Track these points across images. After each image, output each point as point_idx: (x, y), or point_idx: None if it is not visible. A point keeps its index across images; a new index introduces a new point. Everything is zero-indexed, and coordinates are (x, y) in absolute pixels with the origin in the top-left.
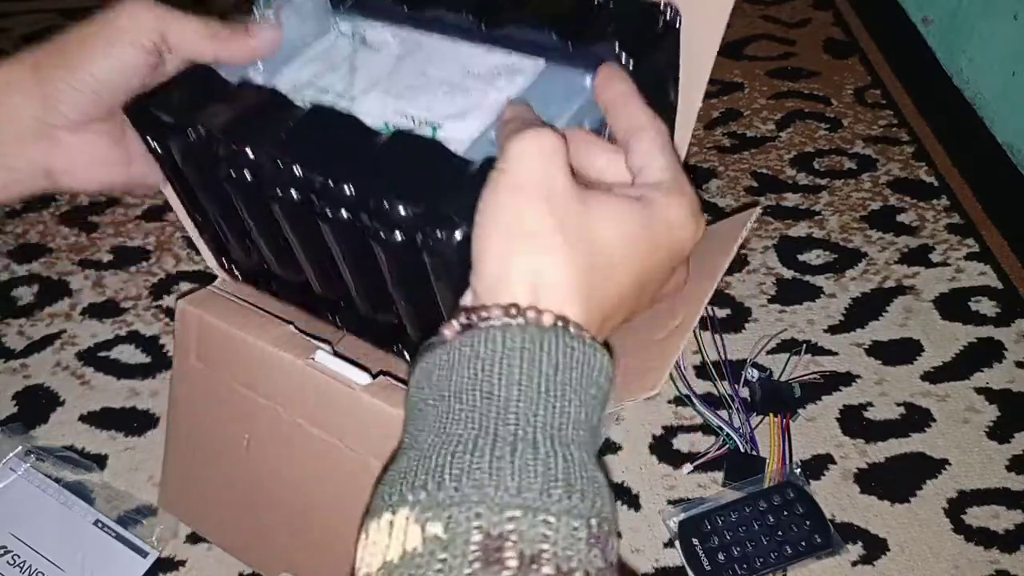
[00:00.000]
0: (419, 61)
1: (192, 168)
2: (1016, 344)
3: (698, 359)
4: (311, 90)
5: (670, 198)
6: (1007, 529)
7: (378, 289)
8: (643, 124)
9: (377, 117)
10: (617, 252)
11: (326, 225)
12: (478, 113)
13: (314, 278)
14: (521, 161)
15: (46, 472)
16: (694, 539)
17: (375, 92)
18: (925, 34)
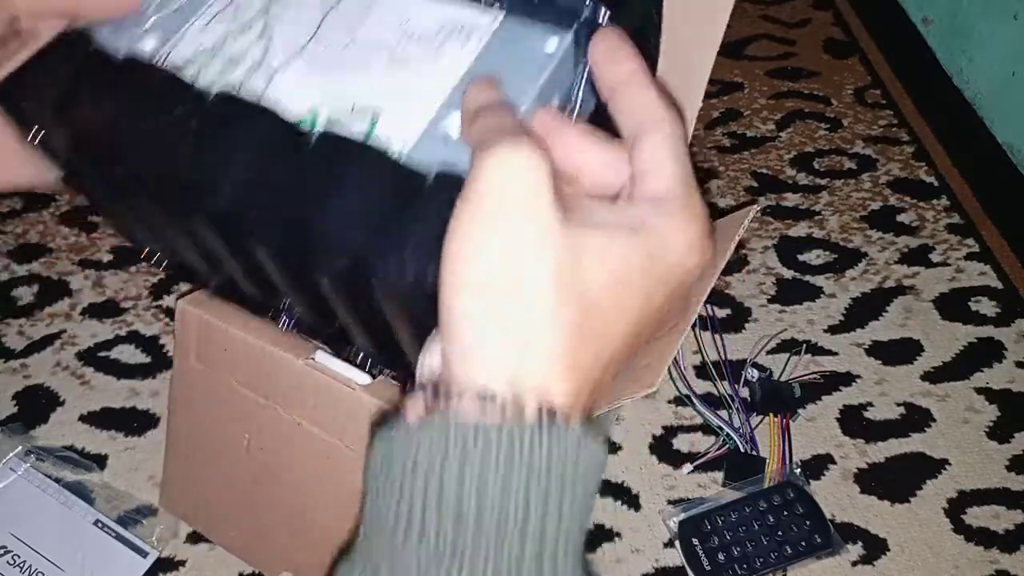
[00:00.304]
0: (348, 15)
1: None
2: (1016, 344)
3: (698, 359)
4: (219, 60)
5: (676, 221)
6: (1007, 529)
7: (325, 308)
8: (657, 118)
9: (302, 99)
10: (612, 303)
11: (255, 245)
12: (424, 94)
13: (248, 286)
14: (495, 190)
15: (46, 472)
16: (694, 539)
17: (297, 64)
18: (925, 34)
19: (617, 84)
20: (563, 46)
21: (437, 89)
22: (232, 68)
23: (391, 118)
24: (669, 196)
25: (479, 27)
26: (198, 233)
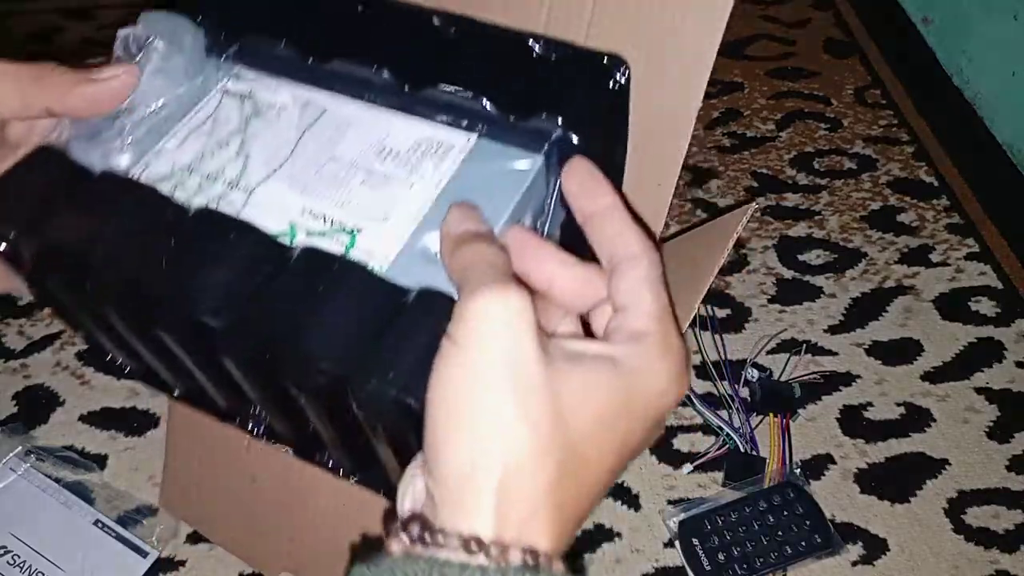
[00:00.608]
0: (326, 134)
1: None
2: (1016, 344)
3: (698, 359)
4: (196, 177)
5: (654, 361)
6: (1007, 529)
7: (300, 420)
8: (634, 253)
9: (281, 216)
10: (594, 446)
11: (230, 360)
12: (402, 211)
13: (218, 396)
14: (482, 336)
15: (46, 472)
16: (694, 539)
17: (275, 181)
18: (925, 34)
19: (593, 216)
20: (536, 166)
21: (414, 207)
22: (210, 184)
23: (370, 235)
24: (648, 332)
25: (454, 146)
26: (170, 346)
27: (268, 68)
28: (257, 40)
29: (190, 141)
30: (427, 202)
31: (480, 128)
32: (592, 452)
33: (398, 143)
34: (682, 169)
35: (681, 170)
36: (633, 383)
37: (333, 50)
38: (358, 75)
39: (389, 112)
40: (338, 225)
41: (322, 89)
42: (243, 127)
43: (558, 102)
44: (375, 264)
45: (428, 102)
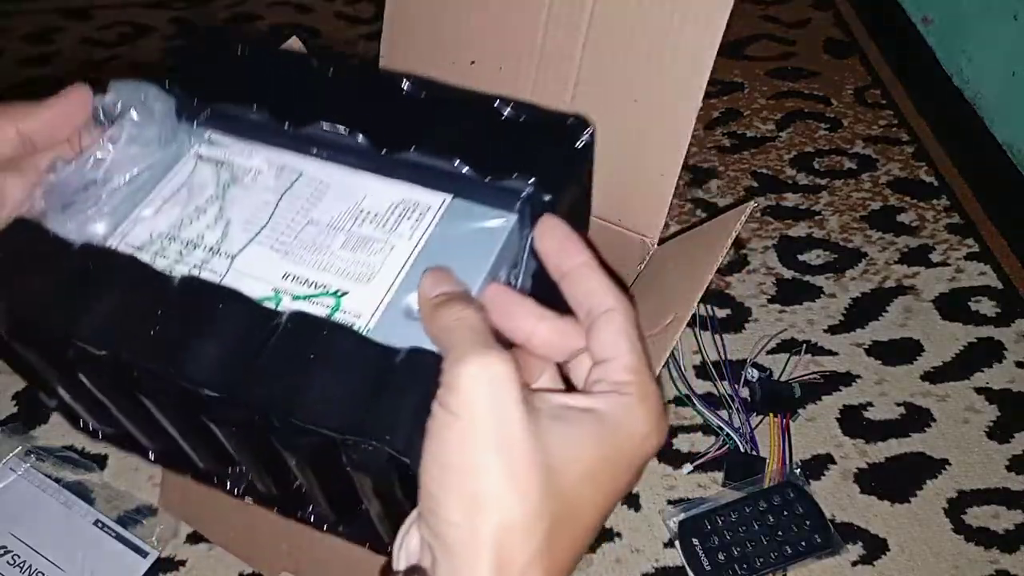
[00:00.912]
0: (303, 197)
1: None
2: (1016, 344)
3: (698, 359)
4: (176, 244)
5: (635, 412)
6: (1007, 529)
7: (285, 479)
8: (610, 306)
9: (264, 281)
10: (583, 497)
11: (220, 427)
12: (384, 273)
13: (199, 458)
14: (470, 404)
15: (46, 472)
16: (694, 539)
17: (257, 246)
18: (925, 34)
19: (568, 273)
20: (509, 224)
21: (395, 268)
22: (191, 251)
23: (354, 297)
24: (627, 383)
25: (430, 207)
26: (154, 413)
27: (240, 133)
28: (228, 105)
29: (167, 208)
30: (407, 263)
31: (454, 188)
32: (582, 504)
33: (375, 205)
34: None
35: (681, 170)
36: (616, 433)
37: (305, 114)
38: (332, 139)
39: (364, 174)
40: (322, 288)
41: (296, 153)
42: (220, 193)
43: (528, 162)
44: (360, 325)
45: (402, 164)
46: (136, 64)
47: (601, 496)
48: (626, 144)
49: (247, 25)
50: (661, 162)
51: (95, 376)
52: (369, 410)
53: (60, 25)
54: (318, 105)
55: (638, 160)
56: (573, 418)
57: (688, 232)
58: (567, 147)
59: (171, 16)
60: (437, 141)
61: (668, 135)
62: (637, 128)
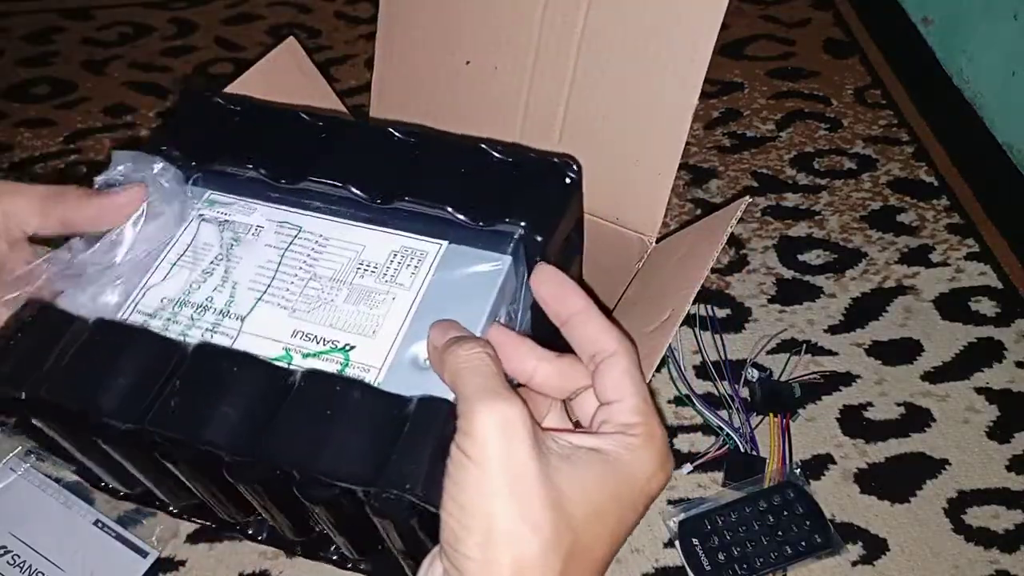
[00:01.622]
0: (304, 253)
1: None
2: (1016, 344)
3: (698, 359)
4: (187, 310)
5: (640, 451)
6: (1007, 529)
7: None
8: (613, 350)
9: (275, 340)
10: (593, 533)
11: (242, 486)
12: (388, 325)
13: (221, 511)
14: (485, 447)
15: (46, 472)
16: (694, 539)
17: (264, 305)
18: (925, 34)
19: (569, 320)
20: (505, 266)
21: (398, 320)
22: (201, 315)
23: (361, 351)
24: (633, 424)
25: (427, 254)
26: (177, 473)
27: (239, 191)
28: (223, 164)
29: (175, 273)
30: (409, 313)
31: (448, 234)
32: (592, 539)
33: (374, 256)
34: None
35: (681, 170)
36: (622, 473)
37: (299, 170)
38: (327, 193)
39: (361, 226)
40: (331, 344)
41: (294, 208)
42: (225, 254)
43: (519, 206)
44: (371, 378)
45: (397, 214)
46: (136, 64)
47: (609, 532)
48: (623, 143)
49: (247, 26)
50: (658, 161)
51: (117, 446)
52: (388, 461)
53: (60, 25)
54: (311, 160)
55: (635, 159)
56: (582, 458)
57: (684, 229)
58: (555, 187)
59: (171, 16)
60: (429, 190)
61: (665, 134)
62: (634, 127)
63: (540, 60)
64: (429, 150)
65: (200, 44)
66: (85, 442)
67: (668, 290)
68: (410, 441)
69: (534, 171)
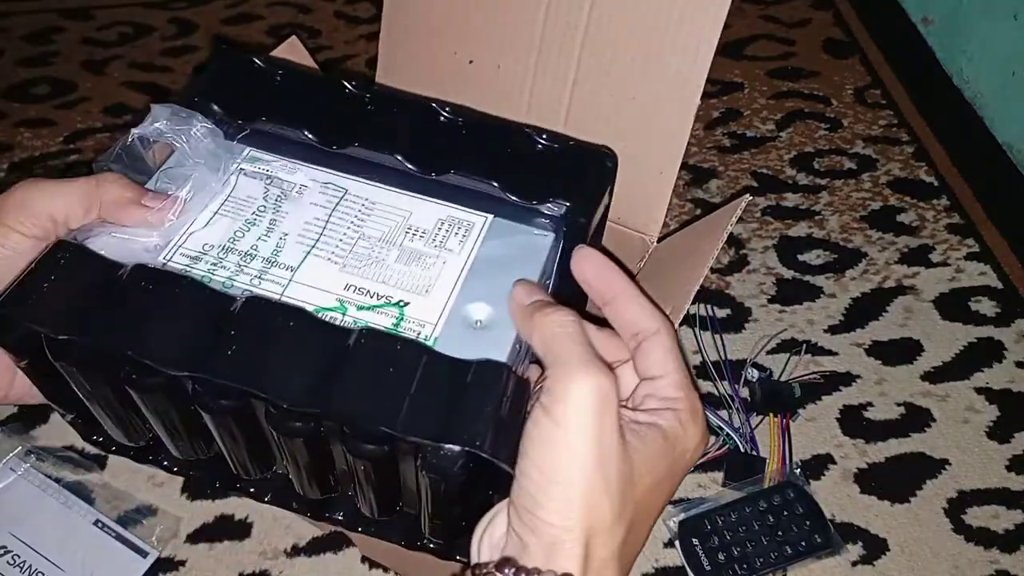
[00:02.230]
0: (352, 214)
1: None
2: (1016, 344)
3: (698, 359)
4: (234, 256)
5: (688, 427)
6: (1007, 529)
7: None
8: (656, 329)
9: (327, 292)
10: (650, 501)
11: (284, 438)
12: (441, 285)
13: (237, 466)
14: (577, 416)
15: (46, 472)
16: (694, 539)
17: (314, 258)
18: (925, 34)
19: (612, 300)
20: (548, 242)
21: (450, 280)
22: (248, 261)
23: (416, 308)
24: (679, 398)
25: (474, 225)
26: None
27: (280, 151)
28: (266, 124)
29: (218, 221)
30: (461, 276)
31: (494, 209)
32: (650, 509)
33: (422, 222)
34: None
35: (681, 170)
36: (676, 447)
37: (344, 136)
38: (372, 161)
39: (407, 194)
40: (385, 299)
41: (338, 172)
42: (270, 206)
43: (562, 184)
44: (426, 335)
45: (443, 187)
46: (136, 64)
47: (661, 501)
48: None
49: (247, 26)
50: (660, 160)
51: (151, 394)
52: (451, 418)
53: (60, 25)
54: (357, 126)
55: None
56: (644, 434)
57: (685, 228)
58: (597, 172)
59: (171, 16)
60: (476, 165)
61: (667, 133)
62: (636, 126)
63: (543, 59)
64: (474, 128)
65: (200, 44)
66: (109, 389)
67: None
68: (473, 401)
69: (576, 156)
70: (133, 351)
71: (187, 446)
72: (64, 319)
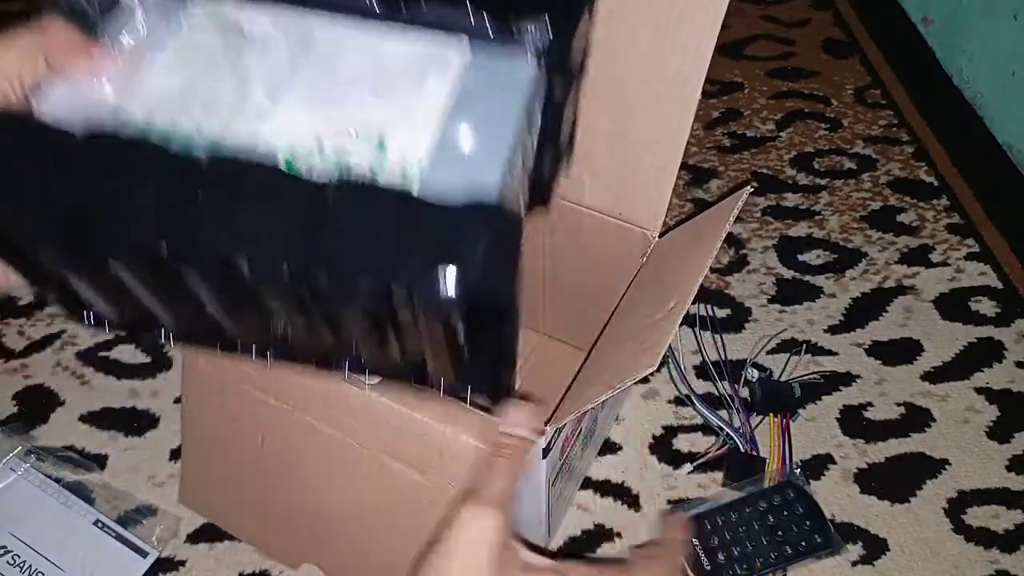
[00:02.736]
0: (320, 56)
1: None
2: (1016, 344)
3: (698, 359)
4: (196, 103)
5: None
6: (1007, 529)
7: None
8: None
9: (302, 134)
10: None
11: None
12: (423, 116)
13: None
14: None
15: (46, 472)
16: (694, 539)
17: (284, 103)
18: (925, 34)
19: None
20: (530, 70)
21: (433, 111)
22: (213, 109)
23: (397, 141)
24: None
25: (451, 56)
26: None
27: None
28: None
29: (176, 70)
30: (444, 105)
31: (470, 41)
32: None
33: (397, 58)
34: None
35: (681, 170)
36: None
37: None
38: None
39: (377, 30)
40: (364, 135)
41: (302, 10)
42: (230, 52)
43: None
44: (408, 172)
45: (414, 18)
46: None
47: None
48: (626, 139)
49: None
50: (661, 157)
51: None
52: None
53: None
54: None
55: (638, 155)
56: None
57: (687, 223)
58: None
59: None
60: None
61: (668, 129)
62: (637, 123)
63: None
64: None
65: None
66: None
67: (671, 281)
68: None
69: None
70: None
71: (179, 315)
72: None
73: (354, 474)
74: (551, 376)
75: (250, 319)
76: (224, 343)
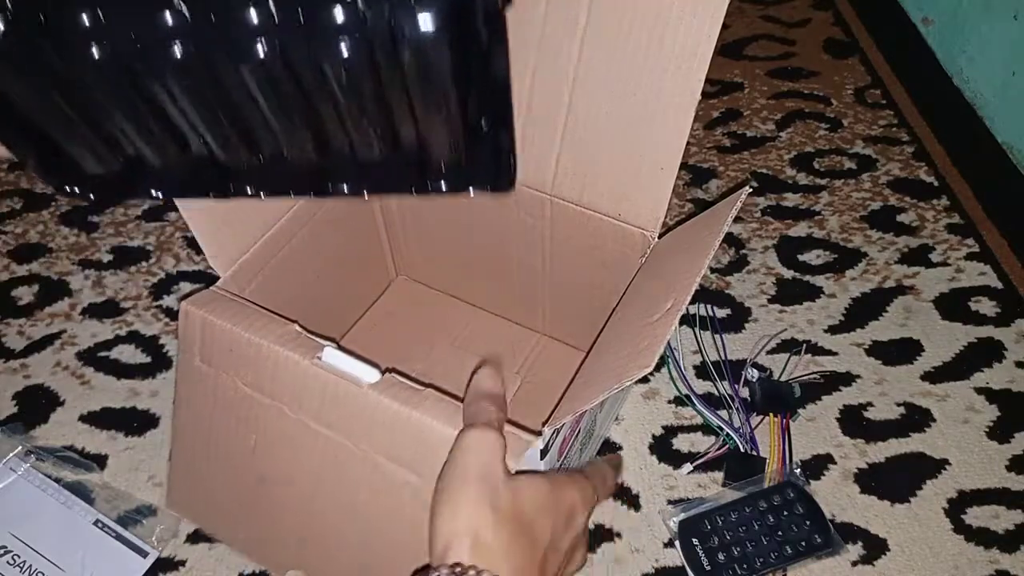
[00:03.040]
0: None
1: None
2: (1016, 344)
3: (698, 359)
4: None
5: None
6: (1007, 529)
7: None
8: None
9: None
10: (536, 521)
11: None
12: None
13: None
14: (467, 454)
15: (46, 472)
16: (694, 539)
17: None
18: (925, 34)
19: None
20: None
21: None
22: None
23: None
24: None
25: None
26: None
27: None
28: None
29: None
30: None
31: None
32: (535, 527)
33: None
34: (682, 169)
35: (681, 170)
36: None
37: None
38: None
39: None
40: None
41: None
42: None
43: None
44: None
45: None
46: None
47: (546, 523)
48: (625, 139)
49: None
50: (661, 156)
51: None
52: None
53: None
54: None
55: (638, 155)
56: (534, 476)
57: (686, 223)
58: None
59: None
60: None
61: (667, 129)
62: (636, 122)
63: (543, 56)
64: None
65: None
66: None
67: (670, 281)
68: None
69: None
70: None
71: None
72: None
73: (348, 476)
74: (550, 376)
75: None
76: (215, 185)
